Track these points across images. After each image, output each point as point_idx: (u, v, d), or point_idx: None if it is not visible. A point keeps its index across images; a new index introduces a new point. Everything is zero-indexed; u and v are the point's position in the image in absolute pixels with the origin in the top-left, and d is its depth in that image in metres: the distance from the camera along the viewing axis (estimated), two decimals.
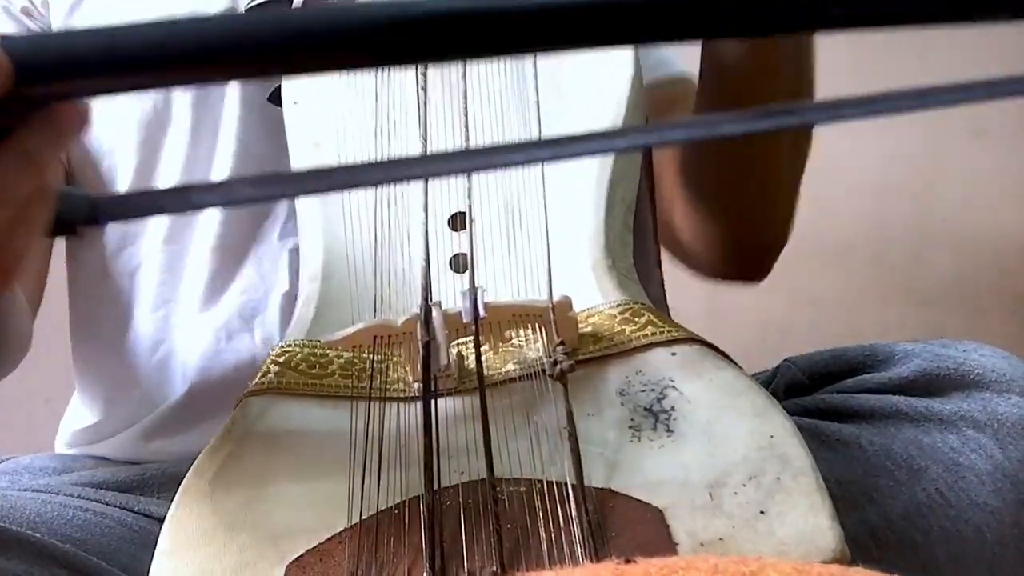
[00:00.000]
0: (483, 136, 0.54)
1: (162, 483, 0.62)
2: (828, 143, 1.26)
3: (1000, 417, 0.55)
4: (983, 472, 0.54)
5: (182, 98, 0.65)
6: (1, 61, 0.31)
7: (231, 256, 0.65)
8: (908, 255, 1.27)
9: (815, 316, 1.24)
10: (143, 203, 0.42)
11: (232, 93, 0.65)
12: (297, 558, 0.39)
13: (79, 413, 0.71)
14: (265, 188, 0.41)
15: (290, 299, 0.61)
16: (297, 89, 0.60)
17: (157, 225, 0.66)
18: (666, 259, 0.74)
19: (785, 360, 0.65)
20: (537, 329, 0.46)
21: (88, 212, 0.38)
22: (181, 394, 0.64)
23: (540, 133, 0.54)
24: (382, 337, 0.47)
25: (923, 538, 0.54)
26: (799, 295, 1.24)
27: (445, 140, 0.54)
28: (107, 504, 0.59)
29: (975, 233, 1.26)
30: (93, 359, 0.70)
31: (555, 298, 0.46)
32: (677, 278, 0.74)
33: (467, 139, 0.53)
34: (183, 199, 0.40)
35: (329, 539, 0.40)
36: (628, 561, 0.32)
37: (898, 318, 1.23)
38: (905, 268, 1.26)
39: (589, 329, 0.48)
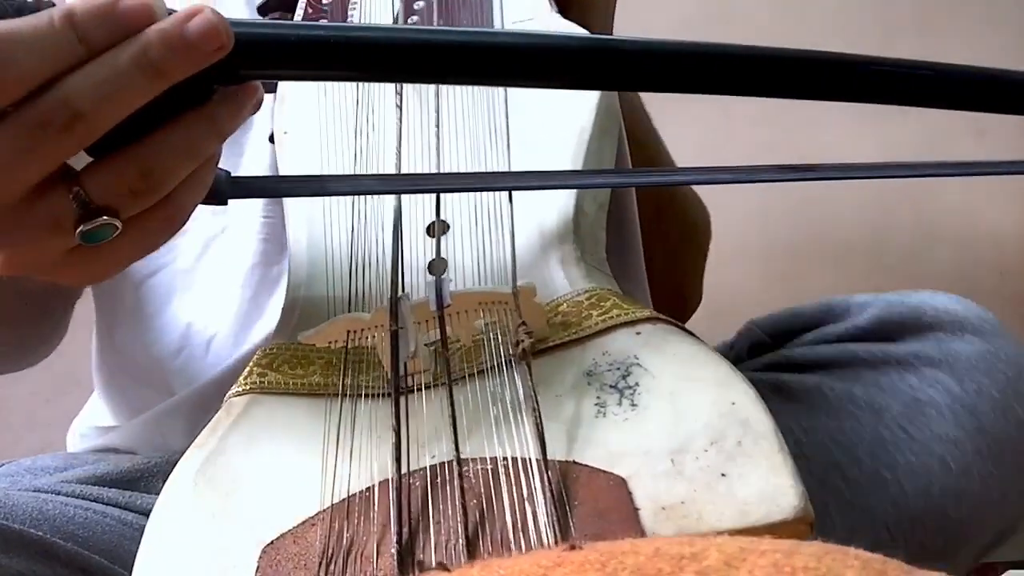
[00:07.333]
0: (453, 157, 0.56)
1: (167, 473, 0.62)
2: (828, 143, 1.28)
3: (954, 353, 0.58)
4: (942, 405, 0.57)
5: None
6: (225, 36, 0.36)
7: (266, 280, 0.65)
8: (908, 255, 1.27)
9: None
10: (277, 185, 0.50)
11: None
12: (272, 541, 0.40)
13: (97, 410, 0.72)
14: (389, 184, 0.50)
15: None
16: (287, 120, 0.62)
17: (191, 244, 0.67)
18: None
19: (748, 322, 0.66)
20: (505, 316, 0.48)
21: (229, 187, 0.43)
22: (193, 390, 0.65)
23: (508, 155, 0.57)
24: (356, 332, 0.49)
25: (890, 474, 0.55)
26: (799, 295, 1.24)
27: (419, 161, 0.56)
28: (107, 503, 0.60)
29: (975, 233, 1.26)
30: (115, 362, 0.71)
31: (519, 285, 0.47)
32: None
33: (439, 158, 0.56)
34: (316, 185, 0.48)
35: (303, 523, 0.41)
36: (572, 547, 0.32)
37: None
38: (905, 267, 1.26)
39: (559, 319, 0.49)
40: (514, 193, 0.54)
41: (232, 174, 0.45)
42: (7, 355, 0.69)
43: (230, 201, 0.45)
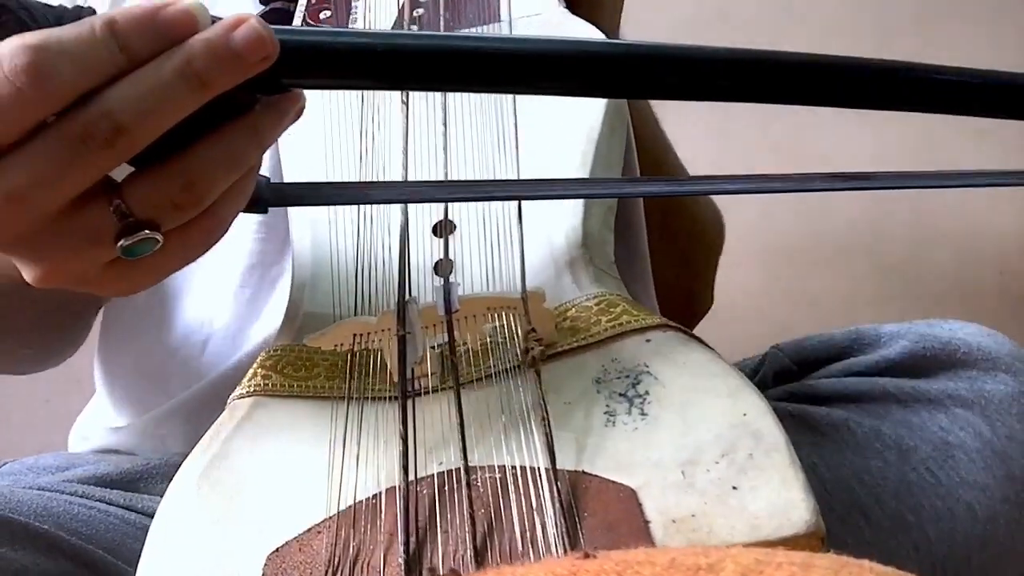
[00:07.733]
0: (461, 157, 0.55)
1: (165, 474, 0.62)
2: (828, 143, 1.27)
3: (987, 394, 0.56)
4: (972, 450, 0.55)
5: None
6: (271, 46, 0.35)
7: (264, 281, 0.65)
8: (908, 255, 1.27)
9: (815, 316, 1.24)
10: (318, 192, 0.48)
11: None
12: (277, 549, 0.40)
13: (100, 411, 0.71)
14: (435, 191, 0.49)
15: None
16: None
17: None
18: None
19: (772, 347, 0.65)
20: (513, 321, 0.47)
21: (269, 194, 0.42)
22: (191, 392, 0.64)
23: (517, 155, 0.56)
24: (362, 335, 0.48)
25: (914, 517, 0.54)
26: (799, 295, 1.24)
27: (426, 161, 0.55)
28: (110, 503, 0.59)
29: (975, 233, 1.26)
30: (117, 362, 0.70)
31: (528, 290, 0.47)
32: None
33: (447, 158, 0.55)
34: (359, 192, 0.46)
35: (308, 530, 0.41)
36: (587, 556, 0.32)
37: (898, 318, 1.23)
38: (905, 268, 1.26)
39: (568, 324, 0.48)
40: None
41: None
42: (34, 357, 0.68)
43: None
